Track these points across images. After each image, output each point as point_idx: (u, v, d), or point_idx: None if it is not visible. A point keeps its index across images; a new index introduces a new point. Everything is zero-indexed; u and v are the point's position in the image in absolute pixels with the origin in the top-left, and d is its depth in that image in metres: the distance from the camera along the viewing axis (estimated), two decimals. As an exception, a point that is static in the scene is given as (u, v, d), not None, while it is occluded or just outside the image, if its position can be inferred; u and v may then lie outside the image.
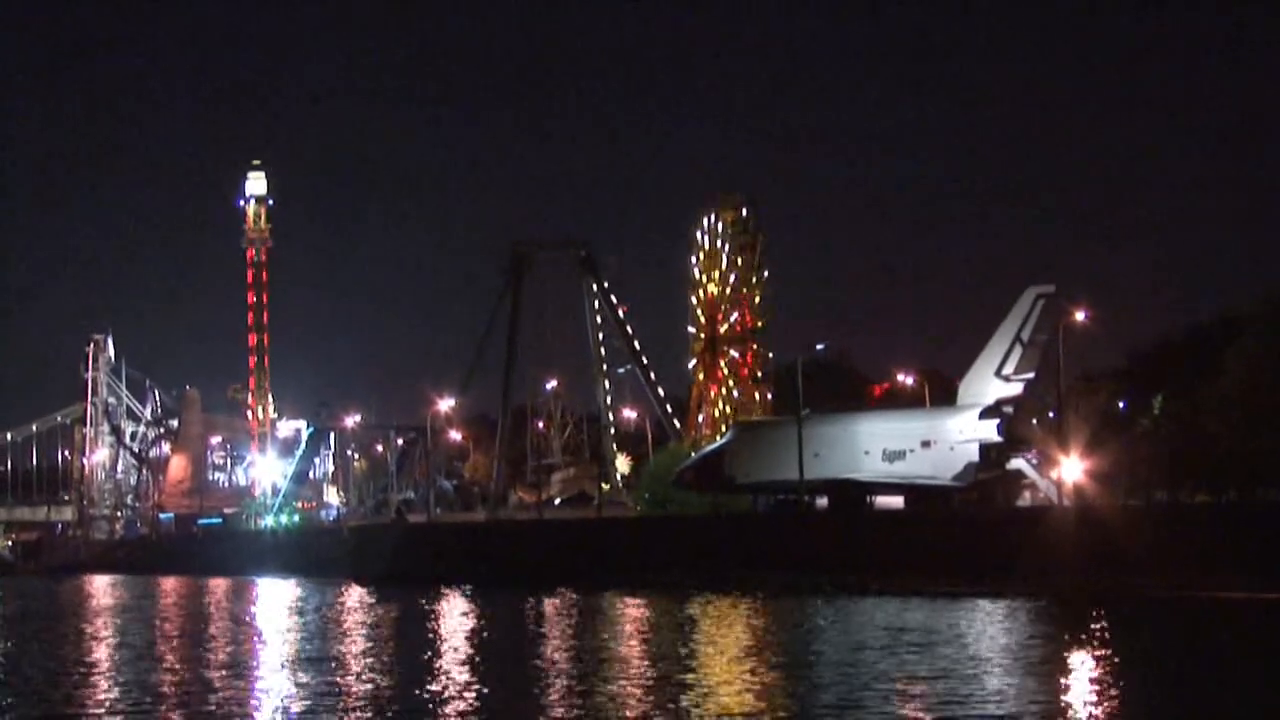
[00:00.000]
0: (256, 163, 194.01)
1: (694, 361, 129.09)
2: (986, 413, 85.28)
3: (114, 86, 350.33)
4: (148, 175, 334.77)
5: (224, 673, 49.74)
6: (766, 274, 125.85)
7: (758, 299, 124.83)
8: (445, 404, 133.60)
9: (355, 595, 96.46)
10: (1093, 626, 58.28)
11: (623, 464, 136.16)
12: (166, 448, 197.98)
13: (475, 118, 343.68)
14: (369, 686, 44.95)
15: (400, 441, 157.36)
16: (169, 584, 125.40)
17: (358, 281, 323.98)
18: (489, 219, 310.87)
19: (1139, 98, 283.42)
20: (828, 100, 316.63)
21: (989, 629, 58.69)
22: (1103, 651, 51.01)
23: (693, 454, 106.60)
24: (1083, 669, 46.22)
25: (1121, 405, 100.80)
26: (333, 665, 51.05)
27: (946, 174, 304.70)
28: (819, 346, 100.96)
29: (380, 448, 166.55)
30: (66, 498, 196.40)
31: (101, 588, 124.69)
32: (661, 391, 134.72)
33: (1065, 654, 49.65)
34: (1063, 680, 43.35)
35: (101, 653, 59.82)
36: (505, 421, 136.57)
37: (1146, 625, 61.25)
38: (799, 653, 51.91)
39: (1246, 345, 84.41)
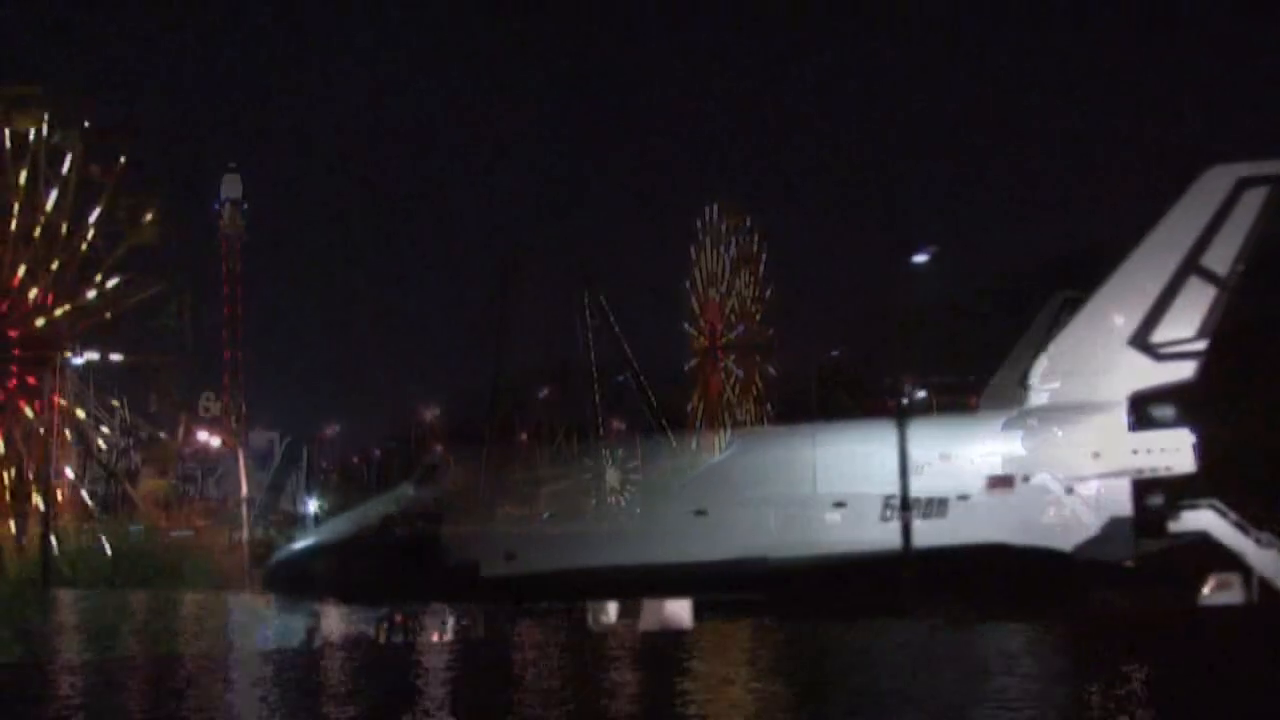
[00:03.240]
0: (232, 165, 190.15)
1: (694, 361, 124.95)
2: (1010, 424, 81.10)
3: (95, 81, 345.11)
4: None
5: (199, 696, 45.99)
6: (768, 288, 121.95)
7: (759, 309, 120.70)
8: (428, 414, 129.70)
9: (334, 613, 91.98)
10: (1125, 644, 54.64)
11: (613, 477, 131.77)
12: (137, 459, 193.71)
13: (467, 121, 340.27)
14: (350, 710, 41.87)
15: (379, 453, 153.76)
16: (138, 598, 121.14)
17: (337, 289, 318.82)
18: (478, 224, 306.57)
19: (1150, 97, 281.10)
20: (830, 105, 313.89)
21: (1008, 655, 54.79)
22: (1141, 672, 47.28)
23: (692, 467, 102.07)
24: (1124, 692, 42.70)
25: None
26: (310, 689, 47.46)
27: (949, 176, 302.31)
28: (833, 353, 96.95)
29: (358, 459, 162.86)
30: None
31: (68, 602, 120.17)
32: (658, 406, 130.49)
33: (1101, 679, 45.54)
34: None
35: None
36: (491, 430, 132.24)
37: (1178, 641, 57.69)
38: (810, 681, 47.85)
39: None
